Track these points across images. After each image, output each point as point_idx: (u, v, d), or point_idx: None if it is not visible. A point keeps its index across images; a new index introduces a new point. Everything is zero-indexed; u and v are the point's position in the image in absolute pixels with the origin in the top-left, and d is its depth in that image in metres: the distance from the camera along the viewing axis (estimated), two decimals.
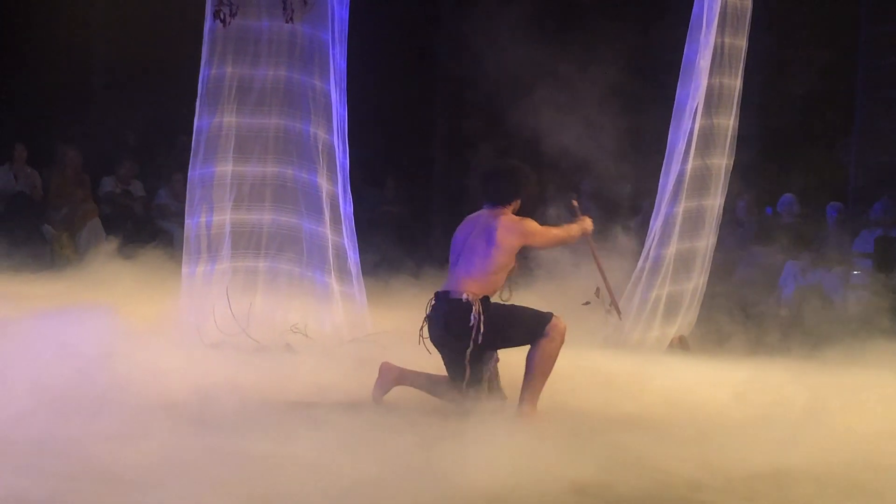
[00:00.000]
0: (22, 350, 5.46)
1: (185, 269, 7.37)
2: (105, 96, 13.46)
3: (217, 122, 7.38)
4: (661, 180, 8.27)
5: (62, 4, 12.63)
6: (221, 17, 7.16)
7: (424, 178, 14.19)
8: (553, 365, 5.71)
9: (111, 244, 10.56)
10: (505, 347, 5.87)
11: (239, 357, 6.60)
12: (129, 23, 12.53)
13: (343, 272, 7.60)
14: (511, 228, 5.84)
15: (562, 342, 5.71)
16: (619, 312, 6.67)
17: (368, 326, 7.57)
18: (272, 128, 7.53)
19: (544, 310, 5.82)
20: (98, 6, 12.91)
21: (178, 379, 5.75)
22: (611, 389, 6.39)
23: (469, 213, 6.12)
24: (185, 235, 7.47)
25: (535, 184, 6.11)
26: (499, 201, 5.95)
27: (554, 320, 5.70)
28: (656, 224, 8.19)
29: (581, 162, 8.69)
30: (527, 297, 6.26)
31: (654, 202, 8.34)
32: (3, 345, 5.55)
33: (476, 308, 5.69)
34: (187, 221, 7.42)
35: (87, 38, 12.94)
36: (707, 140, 8.21)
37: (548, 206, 8.53)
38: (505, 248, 5.81)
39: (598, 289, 6.71)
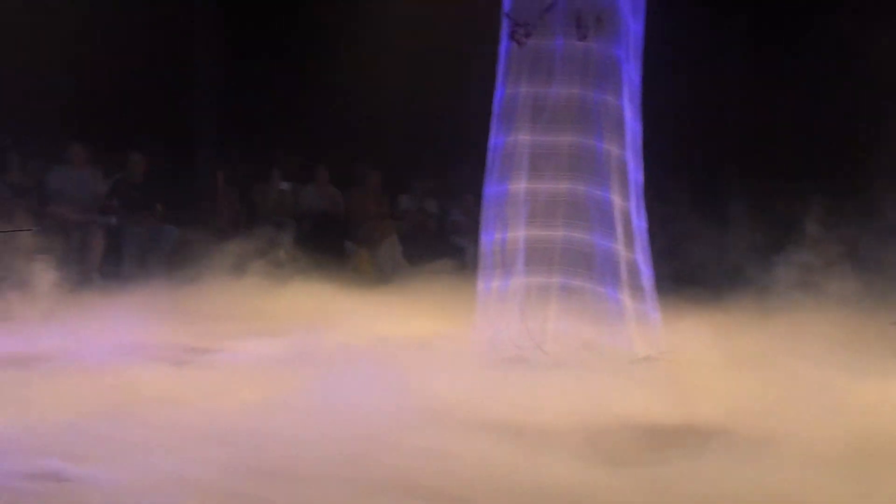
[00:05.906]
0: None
1: (480, 285, 7.52)
2: (400, 119, 13.95)
3: (511, 140, 7.48)
4: None
5: (357, 35, 13.23)
6: (517, 38, 7.26)
7: (719, 193, 13.85)
8: None
9: (408, 260, 10.94)
10: None
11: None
12: (423, 46, 12.95)
13: (636, 288, 7.52)
14: None
15: None
16: None
17: (663, 344, 7.45)
18: (565, 145, 7.54)
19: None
20: (390, 33, 13.41)
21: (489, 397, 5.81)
22: None
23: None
24: (480, 251, 7.61)
25: None
26: None
27: None
28: None
29: None
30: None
31: None
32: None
33: None
34: (483, 237, 7.56)
35: (383, 64, 13.47)
36: None
37: None
38: None
39: None
